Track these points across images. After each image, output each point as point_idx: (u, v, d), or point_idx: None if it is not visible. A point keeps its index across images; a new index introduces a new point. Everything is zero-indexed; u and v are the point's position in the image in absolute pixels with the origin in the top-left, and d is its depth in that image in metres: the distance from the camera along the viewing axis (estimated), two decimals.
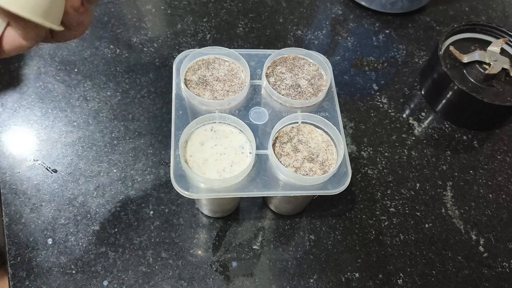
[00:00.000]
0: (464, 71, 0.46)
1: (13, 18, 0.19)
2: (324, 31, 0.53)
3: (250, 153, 0.32)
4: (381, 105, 0.48)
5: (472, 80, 0.46)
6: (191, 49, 0.36)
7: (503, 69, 0.45)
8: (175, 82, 0.35)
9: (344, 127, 0.35)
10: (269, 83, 0.36)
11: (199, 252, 0.37)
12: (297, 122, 0.35)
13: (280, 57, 0.38)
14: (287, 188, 0.31)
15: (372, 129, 0.46)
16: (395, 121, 0.47)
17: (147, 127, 0.43)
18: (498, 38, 0.48)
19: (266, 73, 0.37)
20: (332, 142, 0.34)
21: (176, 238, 0.37)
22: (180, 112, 0.34)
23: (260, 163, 0.32)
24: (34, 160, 0.40)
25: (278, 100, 0.35)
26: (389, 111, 0.47)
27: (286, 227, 0.39)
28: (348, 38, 0.53)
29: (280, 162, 0.32)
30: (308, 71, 0.37)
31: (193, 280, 0.36)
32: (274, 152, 0.32)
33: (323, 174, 0.32)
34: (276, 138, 0.34)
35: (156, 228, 0.38)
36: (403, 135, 0.46)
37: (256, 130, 0.33)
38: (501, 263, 0.39)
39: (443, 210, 0.42)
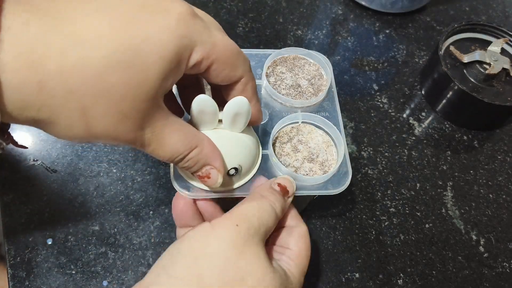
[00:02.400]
0: (464, 71, 0.46)
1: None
2: (324, 31, 0.53)
3: None
4: (381, 105, 0.48)
5: (472, 80, 0.46)
6: None
7: (503, 69, 0.45)
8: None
9: (344, 127, 0.35)
10: (269, 83, 0.36)
11: None
12: (297, 122, 0.35)
13: (280, 57, 0.38)
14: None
15: (372, 129, 0.46)
16: (395, 121, 0.47)
17: None
18: (498, 38, 0.48)
19: (266, 73, 0.37)
20: (333, 142, 0.34)
21: (175, 238, 0.37)
22: None
23: (261, 163, 0.32)
24: (33, 160, 0.40)
25: (278, 100, 0.35)
26: (389, 111, 0.47)
27: None
28: (348, 38, 0.53)
29: (280, 162, 0.32)
30: (309, 71, 0.37)
31: None
32: (274, 152, 0.32)
33: (323, 174, 0.32)
34: (276, 138, 0.34)
35: (156, 228, 0.38)
36: (403, 135, 0.46)
37: (256, 130, 0.34)
38: (501, 263, 0.39)
39: (443, 210, 0.41)
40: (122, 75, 0.20)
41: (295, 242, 0.29)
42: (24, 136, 0.41)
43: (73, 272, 0.35)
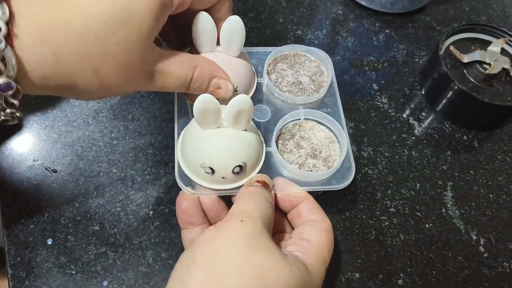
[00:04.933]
0: (464, 71, 0.46)
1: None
2: (324, 31, 0.53)
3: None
4: (381, 105, 0.48)
5: (472, 80, 0.46)
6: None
7: (503, 69, 0.45)
8: None
9: None
10: (271, 81, 0.36)
11: None
12: (300, 119, 0.35)
13: (281, 54, 0.38)
14: (296, 185, 0.31)
15: (372, 129, 0.46)
16: (395, 121, 0.47)
17: (147, 127, 0.43)
18: (498, 38, 0.48)
19: (267, 70, 0.37)
20: (335, 138, 0.34)
21: (176, 238, 0.37)
22: (183, 110, 0.34)
23: (264, 160, 0.32)
24: (33, 160, 0.40)
25: (280, 97, 0.36)
26: (389, 111, 0.47)
27: None
28: (348, 38, 0.53)
29: (284, 159, 0.32)
30: (309, 68, 0.38)
31: None
32: (278, 149, 0.33)
33: (327, 170, 0.32)
34: (279, 135, 0.34)
35: (156, 228, 0.38)
36: (403, 135, 0.46)
37: (259, 127, 0.34)
38: (501, 263, 0.39)
39: (443, 210, 0.41)
40: (120, 33, 0.23)
41: (316, 235, 0.29)
42: (24, 135, 0.41)
43: (73, 272, 0.35)
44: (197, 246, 0.25)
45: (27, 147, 0.41)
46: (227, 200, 0.32)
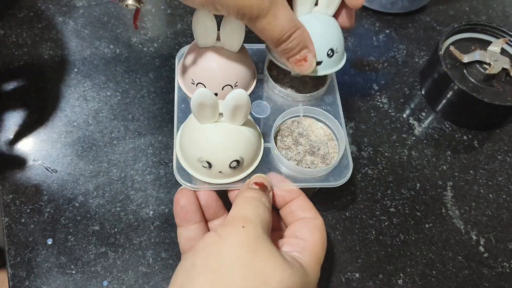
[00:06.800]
0: (464, 71, 0.46)
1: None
2: None
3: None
4: (381, 105, 0.48)
5: (472, 80, 0.46)
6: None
7: (503, 69, 0.45)
8: (177, 75, 0.35)
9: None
10: (271, 77, 0.36)
11: None
12: (299, 116, 0.35)
13: None
14: (290, 181, 0.31)
15: (372, 129, 0.46)
16: (395, 121, 0.47)
17: (147, 127, 0.43)
18: (498, 38, 0.48)
19: (268, 67, 0.37)
20: (334, 136, 0.34)
21: (176, 238, 0.37)
22: (183, 105, 0.34)
23: (262, 156, 0.32)
24: (34, 160, 0.40)
25: (280, 94, 0.36)
26: (389, 111, 0.47)
27: None
28: (348, 38, 0.53)
29: (282, 155, 0.32)
30: None
31: None
32: (276, 145, 0.33)
33: (325, 167, 0.32)
34: (278, 131, 0.34)
35: (156, 228, 0.38)
36: (403, 135, 0.46)
37: (258, 123, 0.34)
38: (501, 263, 0.39)
39: (443, 210, 0.41)
40: None
41: (311, 233, 0.29)
42: (24, 135, 0.41)
43: (73, 272, 0.35)
44: (199, 251, 0.25)
45: (27, 147, 0.41)
46: (225, 199, 0.32)
